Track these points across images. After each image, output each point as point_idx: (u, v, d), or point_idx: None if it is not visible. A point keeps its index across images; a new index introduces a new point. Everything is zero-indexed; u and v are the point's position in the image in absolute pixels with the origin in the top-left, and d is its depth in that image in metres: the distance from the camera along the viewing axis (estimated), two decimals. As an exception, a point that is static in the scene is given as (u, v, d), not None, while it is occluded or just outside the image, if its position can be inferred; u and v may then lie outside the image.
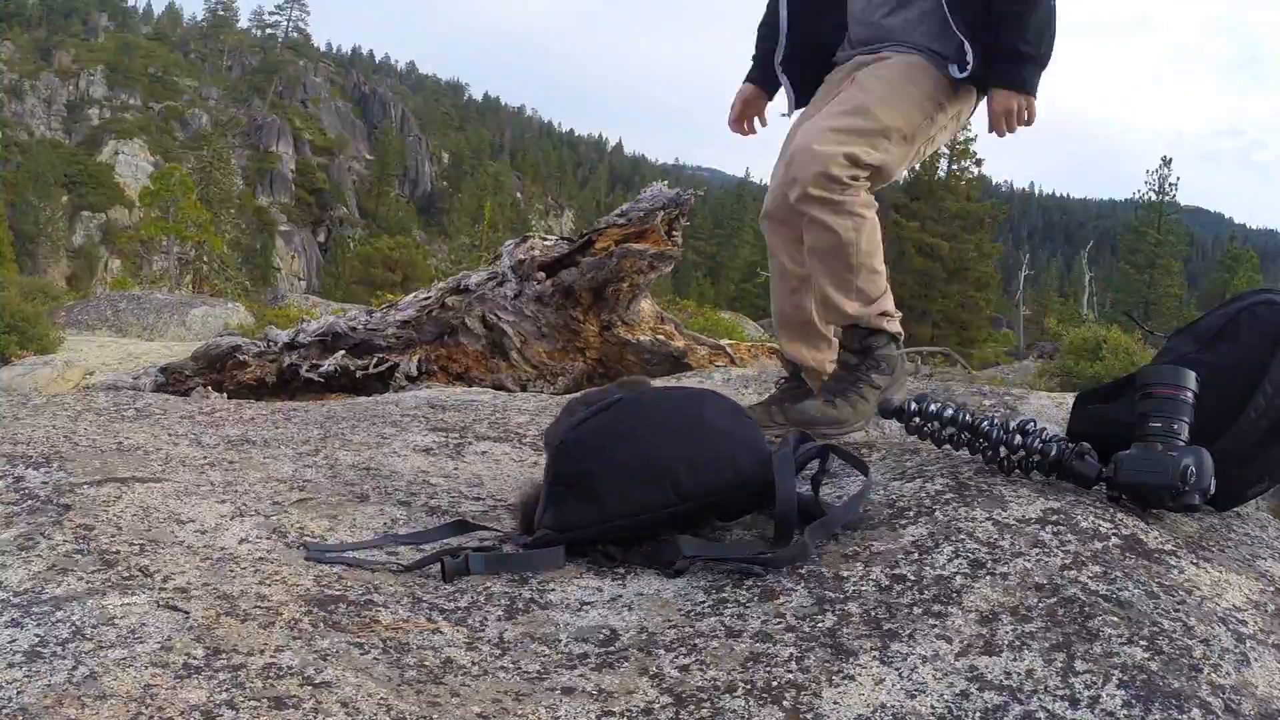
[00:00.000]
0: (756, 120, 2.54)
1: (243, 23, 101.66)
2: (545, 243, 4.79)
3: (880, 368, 2.19)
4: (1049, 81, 2.20)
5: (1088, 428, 1.79)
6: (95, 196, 66.22)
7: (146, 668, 1.09)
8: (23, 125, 71.30)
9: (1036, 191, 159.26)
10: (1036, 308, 40.32)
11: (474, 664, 1.22)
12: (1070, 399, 2.33)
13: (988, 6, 2.12)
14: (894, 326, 2.23)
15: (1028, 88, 2.14)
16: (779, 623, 1.32)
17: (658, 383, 2.72)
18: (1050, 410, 2.52)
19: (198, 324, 14.57)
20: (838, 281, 2.17)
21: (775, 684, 1.17)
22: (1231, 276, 36.08)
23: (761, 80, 2.50)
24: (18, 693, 1.03)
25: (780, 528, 1.53)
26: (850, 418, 2.15)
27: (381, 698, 1.09)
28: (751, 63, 2.53)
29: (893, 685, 1.16)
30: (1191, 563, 1.45)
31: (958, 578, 1.37)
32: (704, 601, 1.41)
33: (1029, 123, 2.17)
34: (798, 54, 2.39)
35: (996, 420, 1.71)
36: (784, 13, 2.36)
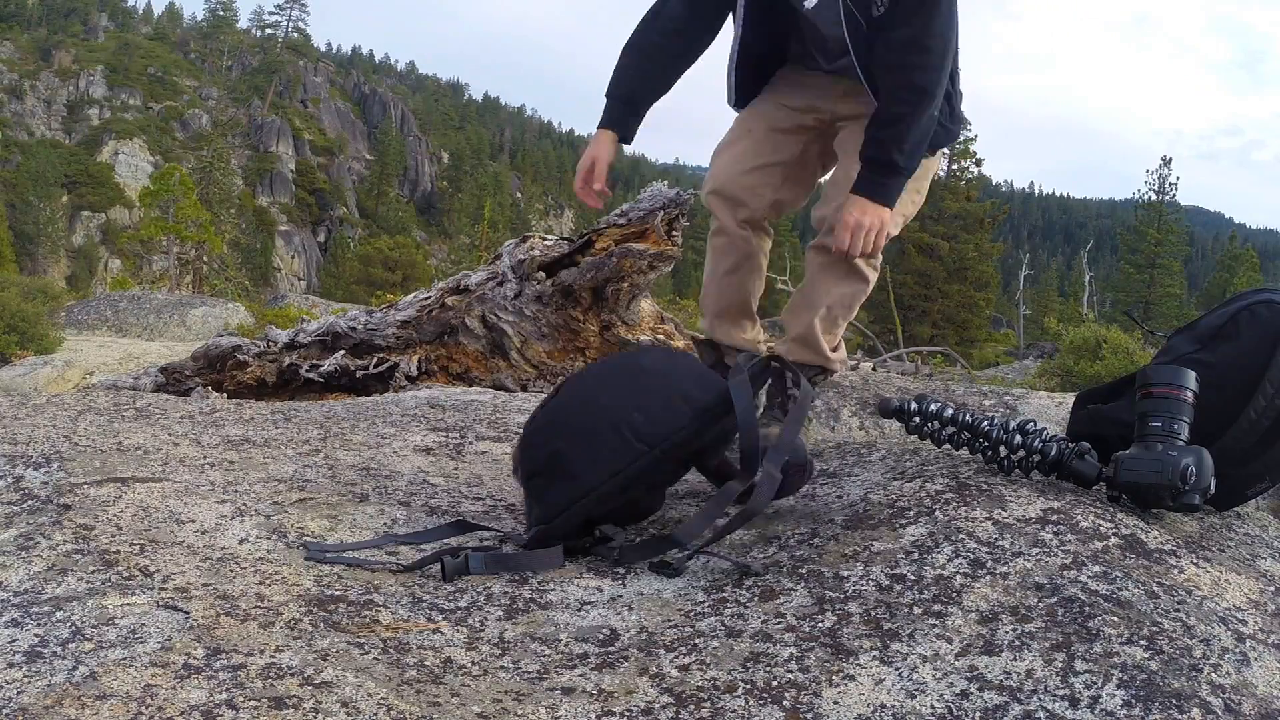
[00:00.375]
0: (599, 184, 2.09)
1: (243, 23, 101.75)
2: (545, 243, 4.78)
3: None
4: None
5: (1088, 428, 1.79)
6: (95, 196, 66.20)
7: (146, 668, 1.09)
8: (23, 125, 71.26)
9: (1036, 191, 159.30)
10: (1036, 308, 40.32)
11: (474, 664, 1.22)
12: (1070, 399, 2.33)
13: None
14: (838, 367, 2.28)
15: (891, 203, 1.91)
16: (779, 622, 1.32)
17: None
18: (1050, 410, 2.53)
19: (198, 324, 14.56)
20: (830, 324, 2.20)
21: (775, 684, 1.17)
22: (1231, 276, 36.06)
23: (621, 125, 2.08)
24: (18, 693, 1.03)
25: (746, 460, 1.58)
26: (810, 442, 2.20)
27: (381, 698, 1.09)
28: (610, 100, 2.09)
29: (893, 685, 1.16)
30: (1191, 563, 1.45)
31: (958, 578, 1.37)
32: (704, 601, 1.41)
33: (877, 246, 1.93)
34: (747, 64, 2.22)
35: (996, 420, 1.71)
36: (734, 77, 2.20)
